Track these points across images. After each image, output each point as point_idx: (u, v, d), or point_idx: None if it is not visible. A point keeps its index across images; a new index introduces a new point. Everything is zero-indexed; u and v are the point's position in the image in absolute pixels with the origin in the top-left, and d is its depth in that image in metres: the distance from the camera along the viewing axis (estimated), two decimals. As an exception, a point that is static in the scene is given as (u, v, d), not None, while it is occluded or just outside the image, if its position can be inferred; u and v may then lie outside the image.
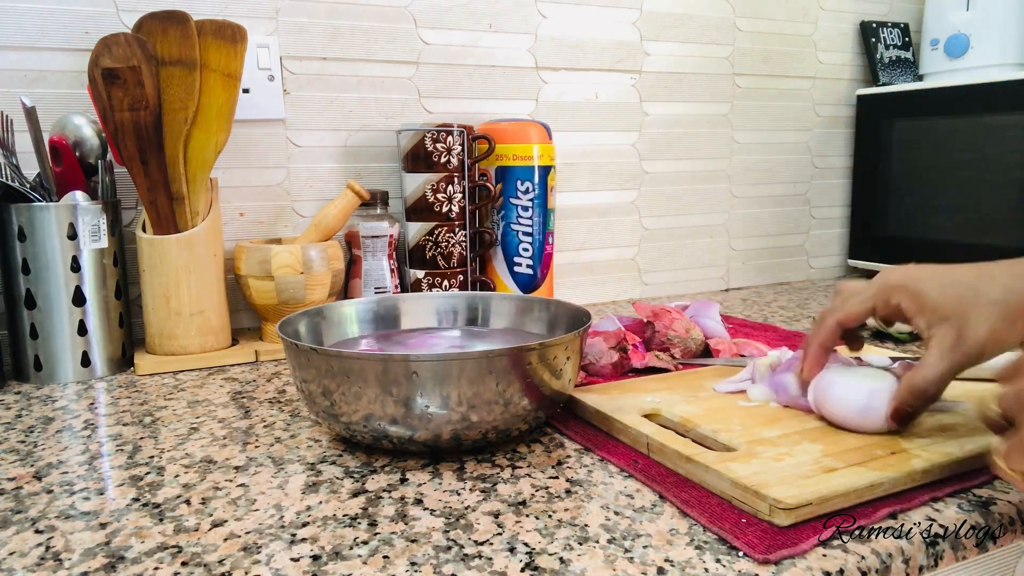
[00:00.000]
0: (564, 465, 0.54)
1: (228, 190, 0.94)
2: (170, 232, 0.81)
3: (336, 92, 0.98)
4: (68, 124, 0.80)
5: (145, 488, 0.51)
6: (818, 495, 0.44)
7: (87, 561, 0.41)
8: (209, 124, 0.81)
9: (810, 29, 1.32)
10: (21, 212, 0.75)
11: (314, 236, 0.88)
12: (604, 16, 1.13)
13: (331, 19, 0.96)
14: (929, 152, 1.23)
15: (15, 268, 0.75)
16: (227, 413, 0.66)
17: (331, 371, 0.52)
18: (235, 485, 0.51)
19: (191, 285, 0.81)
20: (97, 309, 0.78)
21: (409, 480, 0.51)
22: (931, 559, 0.43)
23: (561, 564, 0.40)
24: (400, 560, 0.41)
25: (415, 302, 0.74)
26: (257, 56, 0.92)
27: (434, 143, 0.93)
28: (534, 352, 0.52)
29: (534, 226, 1.00)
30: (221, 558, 0.41)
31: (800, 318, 1.04)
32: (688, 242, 1.27)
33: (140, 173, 0.79)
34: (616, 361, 0.72)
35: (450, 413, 0.51)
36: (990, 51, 1.24)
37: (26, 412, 0.68)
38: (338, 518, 0.46)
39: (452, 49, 1.04)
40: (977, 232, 1.16)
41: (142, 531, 0.45)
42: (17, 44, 0.82)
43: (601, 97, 1.15)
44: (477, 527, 0.44)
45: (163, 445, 0.59)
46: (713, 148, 1.26)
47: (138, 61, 0.76)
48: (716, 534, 0.43)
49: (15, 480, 0.52)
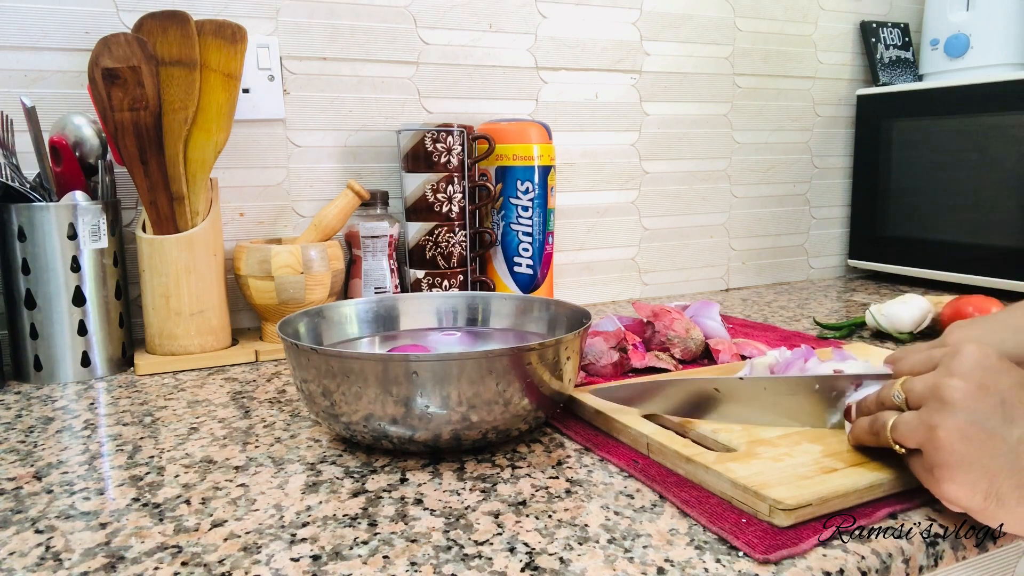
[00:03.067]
0: (564, 465, 0.54)
1: (228, 190, 0.94)
2: (170, 232, 0.81)
3: (336, 92, 0.98)
4: (68, 124, 0.80)
5: (145, 488, 0.51)
6: (818, 496, 0.44)
7: (87, 561, 0.41)
8: (209, 124, 0.81)
9: (810, 29, 1.32)
10: (21, 212, 0.75)
11: (314, 236, 0.88)
12: (604, 16, 1.13)
13: (331, 19, 0.96)
14: (929, 152, 1.23)
15: (15, 268, 0.75)
16: (227, 413, 0.66)
17: (331, 371, 0.52)
18: (235, 485, 0.51)
19: (191, 285, 0.81)
20: (97, 309, 0.78)
21: (409, 480, 0.51)
22: (931, 559, 0.43)
23: (561, 564, 0.40)
24: (400, 560, 0.41)
25: (415, 302, 0.74)
26: (257, 56, 0.92)
27: (434, 143, 0.93)
28: (534, 352, 0.52)
29: (534, 226, 1.00)
30: (221, 558, 0.41)
31: (800, 318, 1.04)
32: (688, 242, 1.27)
33: (140, 173, 0.79)
34: (616, 361, 0.72)
35: (450, 413, 0.51)
36: (990, 51, 1.24)
37: (26, 412, 0.68)
38: (338, 518, 0.46)
39: (452, 49, 1.04)
40: (977, 232, 1.16)
41: (142, 531, 0.45)
42: (17, 44, 0.82)
43: (601, 97, 1.15)
44: (477, 527, 0.44)
45: (163, 445, 0.59)
46: (713, 148, 1.26)
47: (138, 61, 0.76)
48: (716, 534, 0.43)
49: (15, 480, 0.52)
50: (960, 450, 0.40)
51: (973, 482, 0.40)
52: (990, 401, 0.41)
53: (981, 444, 0.40)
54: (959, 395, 0.41)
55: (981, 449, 0.40)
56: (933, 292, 1.19)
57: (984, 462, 0.40)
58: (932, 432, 0.42)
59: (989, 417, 0.40)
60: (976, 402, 0.41)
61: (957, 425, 0.41)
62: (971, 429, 0.40)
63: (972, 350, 0.43)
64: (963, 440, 0.40)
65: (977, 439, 0.40)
